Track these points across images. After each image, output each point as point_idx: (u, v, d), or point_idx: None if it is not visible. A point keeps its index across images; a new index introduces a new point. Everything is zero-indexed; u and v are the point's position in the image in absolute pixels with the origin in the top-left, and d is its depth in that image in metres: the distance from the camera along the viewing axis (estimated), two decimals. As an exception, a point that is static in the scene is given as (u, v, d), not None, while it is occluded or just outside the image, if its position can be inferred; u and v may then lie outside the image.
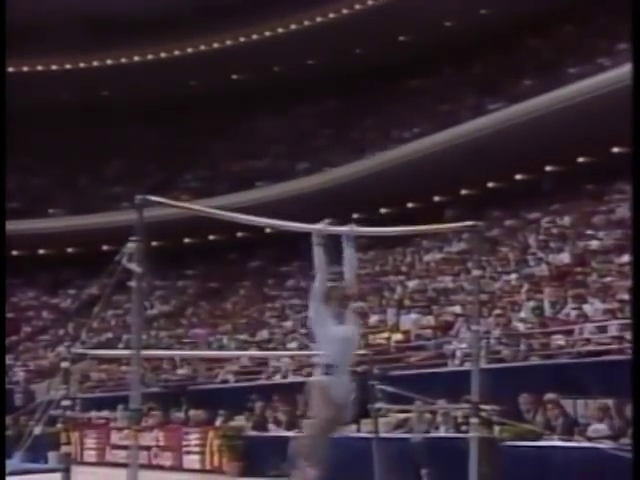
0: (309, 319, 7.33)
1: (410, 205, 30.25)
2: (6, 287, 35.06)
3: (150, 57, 36.39)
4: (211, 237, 35.72)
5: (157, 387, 21.46)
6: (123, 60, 36.64)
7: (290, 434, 15.39)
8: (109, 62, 36.80)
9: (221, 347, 23.08)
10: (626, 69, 23.03)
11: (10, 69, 36.43)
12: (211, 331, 26.54)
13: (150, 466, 16.94)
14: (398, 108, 32.06)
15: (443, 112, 29.86)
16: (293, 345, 20.68)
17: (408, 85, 32.91)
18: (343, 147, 31.91)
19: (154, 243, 28.45)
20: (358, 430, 14.10)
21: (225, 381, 21.03)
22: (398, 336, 18.72)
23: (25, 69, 36.82)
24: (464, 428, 11.46)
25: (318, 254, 7.31)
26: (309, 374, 18.72)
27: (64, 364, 8.02)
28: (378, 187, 28.10)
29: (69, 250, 36.94)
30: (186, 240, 35.98)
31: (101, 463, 18.75)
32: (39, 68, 36.91)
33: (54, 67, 36.87)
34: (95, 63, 36.86)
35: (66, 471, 7.52)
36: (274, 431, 15.92)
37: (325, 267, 7.26)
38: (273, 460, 15.15)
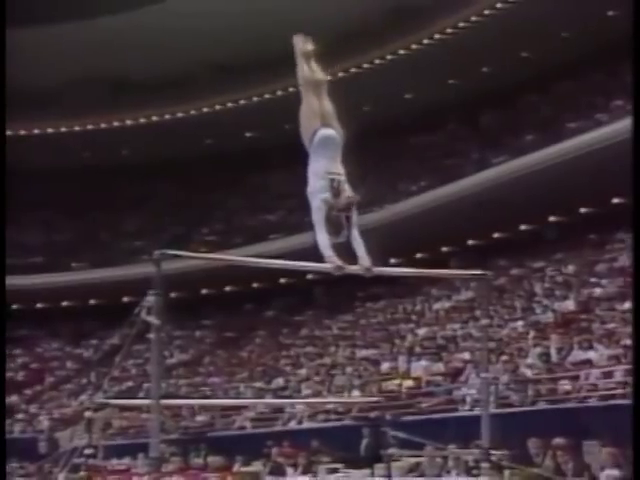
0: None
1: (418, 255, 30.19)
2: (26, 332, 35.38)
3: (167, 117, 36.67)
4: (227, 288, 35.71)
5: (177, 434, 21.31)
6: (142, 120, 36.93)
7: (306, 479, 15.29)
8: (128, 122, 37.09)
9: (238, 394, 22.95)
10: (622, 124, 23.18)
11: (35, 131, 36.91)
12: (228, 379, 26.42)
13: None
14: (405, 163, 32.16)
15: (448, 166, 29.94)
16: (308, 392, 20.57)
17: (414, 140, 33.04)
18: (353, 200, 31.92)
19: (172, 294, 28.46)
20: (372, 474, 13.98)
21: (242, 427, 20.91)
22: (409, 382, 18.63)
23: (49, 131, 37.17)
24: (475, 472, 11.31)
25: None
26: (325, 420, 18.66)
27: (87, 413, 7.97)
28: (387, 239, 27.99)
29: (91, 302, 36.96)
30: (203, 291, 35.97)
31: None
32: (62, 129, 37.22)
33: (77, 128, 37.17)
34: (115, 123, 37.16)
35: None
36: (291, 476, 15.75)
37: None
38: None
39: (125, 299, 30.39)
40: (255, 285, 35.10)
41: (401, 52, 31.95)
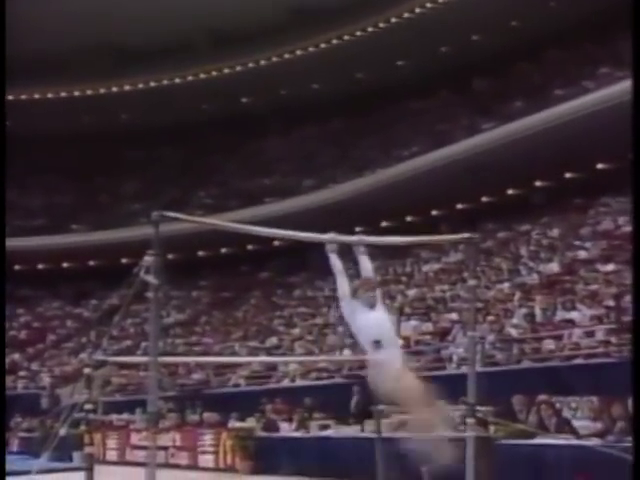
0: (345, 317, 7.48)
1: (409, 219, 30.23)
2: (27, 292, 35.41)
3: (165, 82, 36.51)
4: (223, 250, 35.73)
5: (173, 391, 21.43)
6: (140, 86, 36.76)
7: (298, 434, 15.40)
8: (127, 88, 36.92)
9: (233, 353, 23.03)
10: (608, 91, 23.15)
11: (36, 96, 36.70)
12: (223, 338, 26.52)
13: (167, 465, 16.89)
14: (397, 128, 32.08)
15: (439, 132, 29.88)
16: (300, 351, 20.64)
17: (406, 107, 32.94)
18: (346, 165, 31.93)
19: (170, 256, 28.49)
20: (362, 430, 14.08)
21: (237, 385, 21.00)
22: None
23: (49, 96, 37.00)
24: (461, 428, 11.40)
25: (333, 260, 7.43)
26: (317, 378, 18.75)
27: (87, 370, 8.01)
28: (379, 202, 28.09)
29: (91, 263, 36.97)
30: (200, 253, 35.99)
31: (122, 462, 18.68)
32: (63, 95, 37.05)
33: (76, 93, 37.00)
34: (114, 89, 36.98)
35: (89, 470, 7.49)
36: (284, 432, 15.87)
37: (342, 270, 7.39)
38: (283, 459, 15.12)
39: (124, 260, 30.40)
40: (250, 247, 35.13)
41: (393, 20, 31.79)
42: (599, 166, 26.75)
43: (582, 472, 9.54)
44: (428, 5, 30.82)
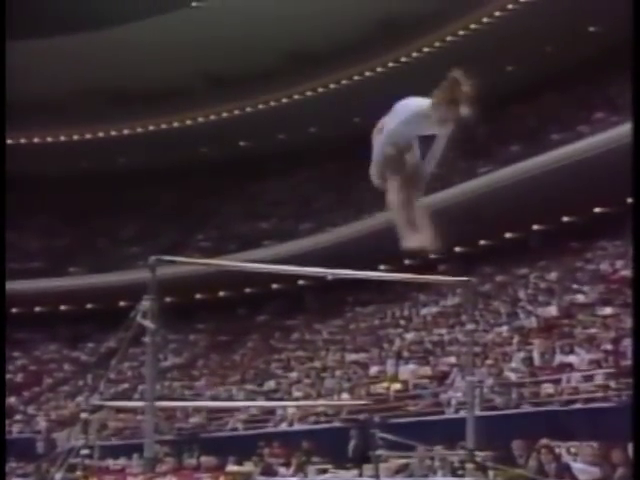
0: None
1: (407, 262, 30.21)
2: (24, 335, 35.29)
3: (164, 126, 36.70)
4: (221, 293, 35.69)
5: (171, 435, 21.26)
6: (139, 130, 36.96)
7: (296, 479, 15.27)
8: (126, 132, 37.11)
9: (230, 397, 22.93)
10: (603, 137, 23.34)
11: (35, 139, 36.89)
12: (220, 382, 26.39)
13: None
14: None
15: (435, 176, 29.91)
16: (298, 394, 20.56)
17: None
18: (344, 208, 32.01)
19: (168, 299, 28.43)
20: (360, 475, 13.96)
21: (234, 429, 20.87)
22: (397, 385, 18.62)
23: (49, 139, 37.19)
24: (460, 473, 11.32)
25: None
26: (315, 422, 18.64)
27: (83, 415, 7.96)
28: (377, 245, 28.02)
29: (88, 306, 36.90)
30: (198, 296, 35.93)
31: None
32: (62, 138, 37.24)
33: (75, 137, 37.19)
34: (113, 133, 37.18)
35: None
36: (282, 476, 15.72)
37: None
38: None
39: (121, 304, 30.31)
40: (248, 290, 35.09)
41: (390, 65, 32.09)
42: (596, 210, 26.84)
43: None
44: (425, 50, 31.11)
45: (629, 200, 25.22)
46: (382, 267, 27.23)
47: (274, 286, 34.49)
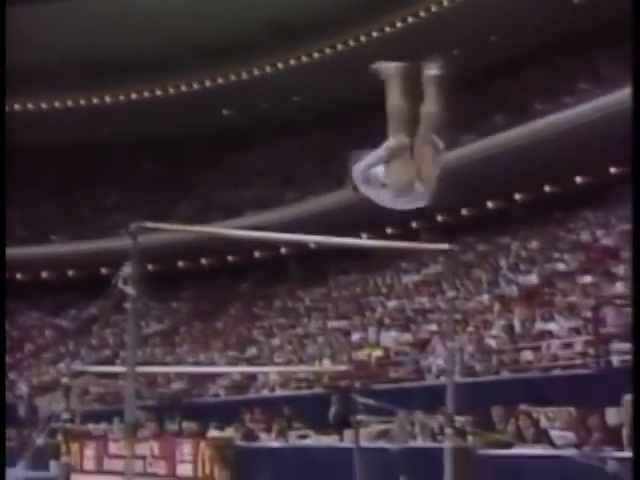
0: None
1: (389, 231, 30.25)
2: (6, 303, 35.22)
3: (146, 95, 36.44)
4: (204, 261, 35.66)
5: (152, 400, 21.29)
6: (121, 98, 36.68)
7: (277, 444, 15.32)
8: (108, 100, 36.83)
9: (212, 363, 22.96)
10: (587, 107, 23.35)
11: (16, 106, 36.52)
12: (203, 348, 26.43)
13: (145, 474, 16.75)
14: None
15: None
16: (280, 360, 20.60)
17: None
18: (327, 177, 31.94)
19: (151, 267, 28.43)
20: (341, 440, 14.05)
21: (216, 395, 20.91)
22: (378, 352, 18.66)
23: (30, 107, 36.86)
24: (439, 438, 11.41)
25: None
26: (296, 388, 18.71)
27: (64, 380, 7.96)
28: (359, 214, 28.03)
29: (70, 274, 36.81)
30: (181, 264, 35.89)
31: (99, 472, 18.53)
32: (43, 106, 36.93)
33: (57, 105, 36.89)
34: (95, 101, 36.89)
35: (65, 479, 7.44)
36: (264, 441, 15.79)
37: None
38: (262, 468, 15.04)
39: (103, 271, 30.29)
40: (230, 259, 35.07)
41: (374, 34, 31.91)
42: (578, 180, 26.92)
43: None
44: (410, 20, 30.96)
45: (612, 170, 25.36)
46: (364, 235, 27.23)
47: (257, 255, 34.50)
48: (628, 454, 9.00)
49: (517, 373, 14.27)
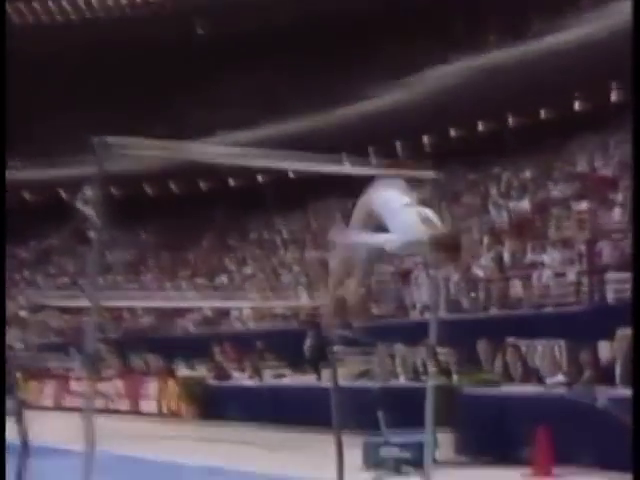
0: None
1: (371, 150, 30.12)
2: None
3: (116, 14, 35.99)
4: (174, 189, 35.52)
5: (116, 335, 21.31)
6: (87, 15, 36.22)
7: (251, 383, 15.44)
8: (74, 18, 36.34)
9: (181, 295, 22.87)
10: (588, 29, 23.20)
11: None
12: (171, 277, 26.47)
13: (107, 411, 16.86)
14: (361, 63, 31.76)
15: (408, 63, 29.66)
16: (253, 292, 20.55)
17: (372, 40, 32.59)
18: (306, 99, 31.71)
19: (116, 193, 28.34)
20: (319, 378, 14.16)
21: (185, 330, 20.95)
22: (360, 288, 18.61)
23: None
24: (423, 377, 11.49)
25: None
26: (271, 321, 18.71)
27: (22, 313, 7.94)
28: (340, 137, 27.97)
29: (29, 199, 36.61)
30: (148, 190, 35.72)
31: (59, 409, 18.67)
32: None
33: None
34: (59, 18, 36.39)
35: (19, 415, 7.44)
36: (236, 379, 15.89)
37: None
38: (232, 406, 15.17)
39: (64, 196, 30.14)
40: (203, 186, 34.94)
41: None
42: (575, 105, 26.86)
43: (545, 423, 9.64)
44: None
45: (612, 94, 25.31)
46: (345, 157, 27.22)
47: (231, 182, 34.37)
48: (621, 392, 9.13)
49: (506, 309, 14.31)
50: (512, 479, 9.61)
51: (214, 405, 15.74)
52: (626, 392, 8.20)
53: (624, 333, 9.85)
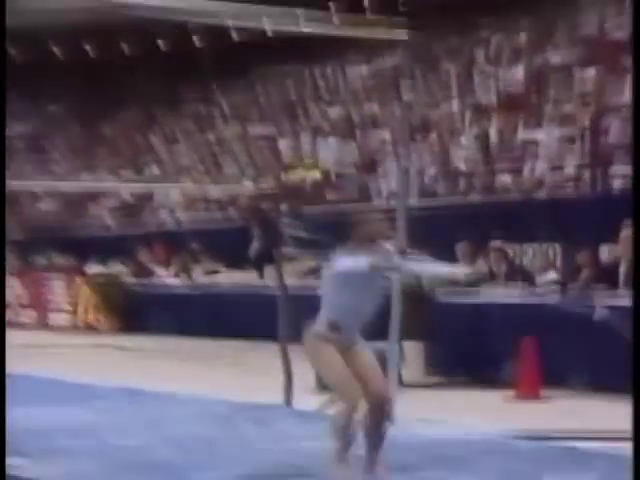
0: None
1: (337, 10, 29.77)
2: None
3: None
4: (90, 50, 34.91)
5: (16, 234, 21.00)
6: None
7: (177, 283, 15.38)
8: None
9: (94, 175, 22.53)
10: None
11: None
12: (83, 158, 26.23)
13: (10, 324, 16.75)
14: None
15: None
16: (183, 173, 20.38)
17: None
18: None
19: (19, 53, 27.92)
20: (261, 277, 14.10)
21: (99, 218, 20.75)
22: (316, 174, 18.45)
23: None
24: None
25: None
26: (205, 210, 18.48)
27: None
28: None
29: None
30: (60, 54, 35.08)
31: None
32: None
33: None
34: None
35: None
36: (159, 279, 15.81)
37: None
38: (157, 314, 15.13)
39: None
40: (126, 47, 34.36)
41: None
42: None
43: (532, 334, 9.66)
44: None
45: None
46: (301, 12, 26.86)
47: (161, 45, 33.84)
48: (623, 300, 9.09)
49: (490, 195, 14.20)
50: (492, 403, 9.63)
51: (135, 310, 15.69)
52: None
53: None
